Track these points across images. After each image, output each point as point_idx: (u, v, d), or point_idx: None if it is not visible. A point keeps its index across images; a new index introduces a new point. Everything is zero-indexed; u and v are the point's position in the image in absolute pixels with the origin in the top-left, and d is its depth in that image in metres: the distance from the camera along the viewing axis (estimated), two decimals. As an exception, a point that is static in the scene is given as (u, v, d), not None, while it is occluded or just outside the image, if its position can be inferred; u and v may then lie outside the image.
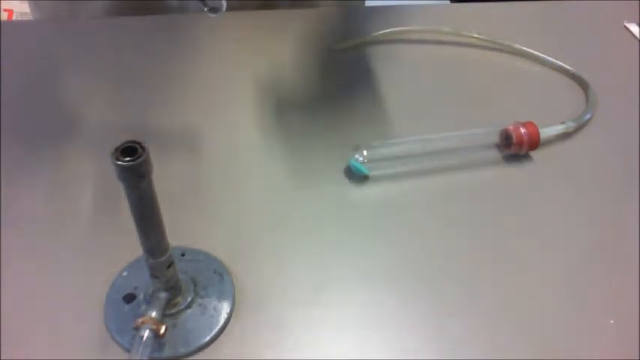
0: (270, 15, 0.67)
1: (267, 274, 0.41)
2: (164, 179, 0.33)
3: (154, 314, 0.35)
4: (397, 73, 0.59)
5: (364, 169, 0.47)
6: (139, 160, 0.28)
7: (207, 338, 0.36)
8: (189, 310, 0.37)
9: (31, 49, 0.60)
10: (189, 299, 0.38)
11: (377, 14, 0.69)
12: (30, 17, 0.72)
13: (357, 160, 0.47)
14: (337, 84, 0.58)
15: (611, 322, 0.39)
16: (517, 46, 0.62)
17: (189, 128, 0.52)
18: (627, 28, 0.67)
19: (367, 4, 0.78)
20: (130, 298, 0.38)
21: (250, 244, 0.43)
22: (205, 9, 0.40)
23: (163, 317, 0.35)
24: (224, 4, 0.40)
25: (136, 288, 0.38)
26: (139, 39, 0.62)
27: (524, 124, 0.49)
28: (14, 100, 0.53)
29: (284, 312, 0.38)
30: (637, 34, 0.66)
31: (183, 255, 0.40)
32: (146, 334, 0.34)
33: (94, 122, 0.52)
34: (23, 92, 0.54)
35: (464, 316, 0.39)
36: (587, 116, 0.54)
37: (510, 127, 0.49)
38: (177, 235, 0.36)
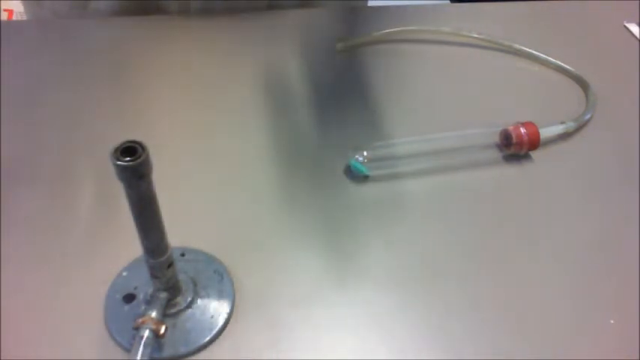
0: (272, 15, 0.67)
1: (267, 274, 0.41)
2: (164, 179, 0.33)
3: (154, 314, 0.35)
4: (397, 73, 0.59)
5: (364, 169, 0.47)
6: (139, 160, 0.28)
7: (207, 338, 0.36)
8: (189, 310, 0.37)
9: (31, 49, 0.60)
10: (189, 299, 0.38)
11: (377, 14, 0.69)
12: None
13: (357, 160, 0.47)
14: (337, 84, 0.58)
15: (611, 322, 0.39)
16: (517, 46, 0.62)
17: (190, 128, 0.52)
18: (627, 28, 0.67)
19: (369, 3, 0.78)
20: (130, 298, 0.38)
21: (250, 244, 0.43)
22: None
23: (163, 317, 0.35)
24: None
25: (136, 288, 0.38)
26: (140, 39, 0.62)
27: (524, 124, 0.49)
28: (14, 100, 0.53)
29: (284, 312, 0.38)
30: (637, 34, 0.66)
31: (183, 255, 0.40)
32: (146, 334, 0.34)
33: (94, 122, 0.52)
34: (23, 92, 0.54)
35: (464, 316, 0.39)
36: (587, 116, 0.54)
37: (510, 127, 0.49)
38: (177, 235, 0.36)
